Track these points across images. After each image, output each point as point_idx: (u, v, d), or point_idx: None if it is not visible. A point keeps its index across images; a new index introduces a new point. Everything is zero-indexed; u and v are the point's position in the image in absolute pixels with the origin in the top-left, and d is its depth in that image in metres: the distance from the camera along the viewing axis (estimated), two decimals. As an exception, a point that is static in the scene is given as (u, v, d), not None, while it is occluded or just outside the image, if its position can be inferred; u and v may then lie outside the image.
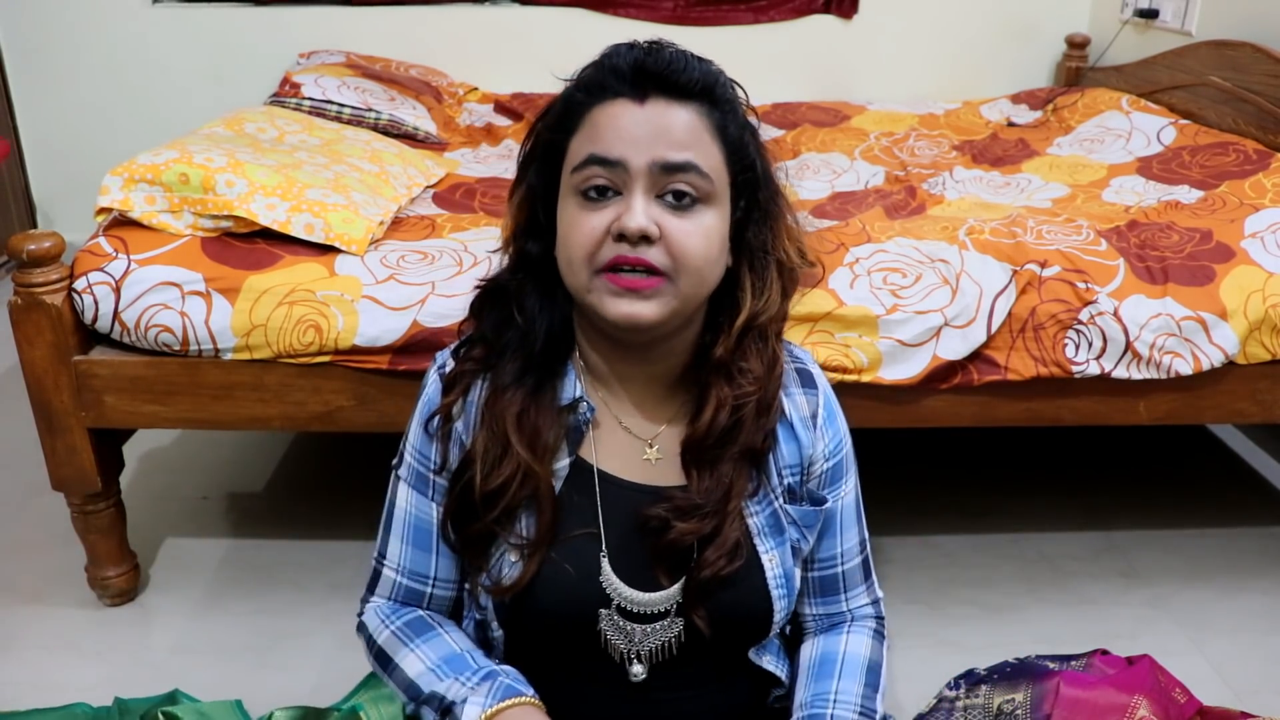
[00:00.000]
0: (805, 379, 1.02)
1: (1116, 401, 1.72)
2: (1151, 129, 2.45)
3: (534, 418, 0.93)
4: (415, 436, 0.99)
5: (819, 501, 1.00)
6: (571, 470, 0.95)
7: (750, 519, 0.96)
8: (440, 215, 1.93)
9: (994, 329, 1.64)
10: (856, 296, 1.63)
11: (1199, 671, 1.64)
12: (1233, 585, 1.90)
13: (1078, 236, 1.77)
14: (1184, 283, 1.68)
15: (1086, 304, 1.64)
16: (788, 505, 0.98)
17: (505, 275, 0.97)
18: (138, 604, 1.82)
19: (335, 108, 2.47)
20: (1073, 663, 1.50)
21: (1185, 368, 1.66)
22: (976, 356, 1.65)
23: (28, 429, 1.64)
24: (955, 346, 1.63)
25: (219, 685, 1.57)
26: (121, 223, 1.67)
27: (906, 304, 1.63)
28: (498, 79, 3.12)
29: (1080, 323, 1.64)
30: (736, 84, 0.92)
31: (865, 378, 1.63)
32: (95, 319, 1.60)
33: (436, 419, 0.96)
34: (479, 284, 0.99)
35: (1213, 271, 1.69)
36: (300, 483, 2.23)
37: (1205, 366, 1.66)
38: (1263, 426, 2.41)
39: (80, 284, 1.58)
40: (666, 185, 0.85)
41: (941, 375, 1.65)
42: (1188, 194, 2.04)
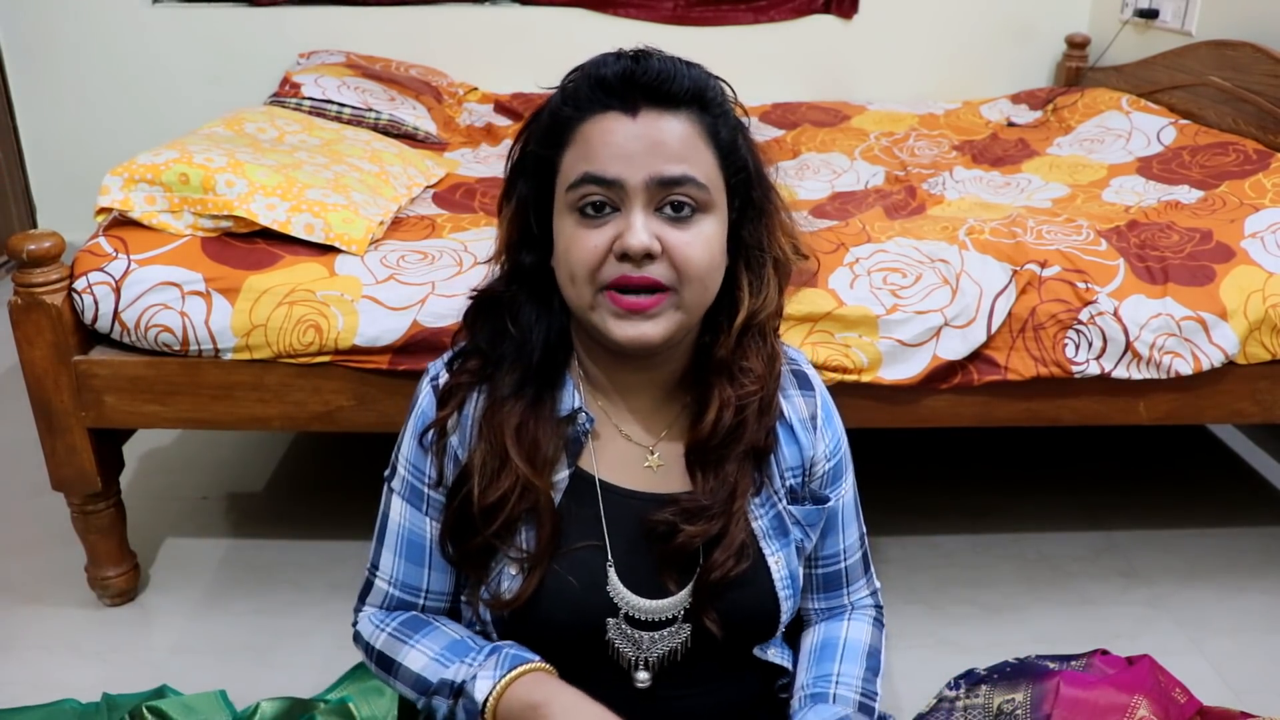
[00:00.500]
0: (801, 381, 1.02)
1: (1116, 401, 1.72)
2: (1151, 129, 2.45)
3: (533, 430, 0.92)
4: (409, 449, 0.97)
5: (822, 501, 1.01)
6: (571, 481, 0.95)
7: (755, 522, 0.96)
8: (440, 215, 1.93)
9: (994, 329, 1.64)
10: (856, 296, 1.63)
11: (1199, 671, 1.64)
12: (1233, 585, 1.90)
13: (1078, 236, 1.77)
14: (1184, 283, 1.68)
15: (1086, 304, 1.64)
16: (791, 506, 0.98)
17: (499, 286, 0.96)
18: (137, 604, 1.82)
19: (335, 108, 2.47)
20: (1073, 663, 1.50)
21: (1185, 368, 1.66)
22: (976, 356, 1.65)
23: (28, 429, 1.64)
24: (955, 346, 1.63)
25: (218, 685, 1.57)
26: (121, 223, 1.67)
27: (906, 304, 1.63)
28: (498, 79, 3.12)
29: (1080, 323, 1.64)
30: (724, 81, 0.91)
31: (865, 378, 1.63)
32: (95, 319, 1.60)
33: (431, 433, 0.95)
34: (472, 294, 0.98)
35: (1213, 271, 1.69)
36: (300, 483, 2.23)
37: (1205, 366, 1.66)
38: (1263, 426, 2.41)
39: (80, 284, 1.58)
40: (664, 198, 0.85)
41: (941, 375, 1.65)
42: (1188, 194, 2.04)
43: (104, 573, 1.77)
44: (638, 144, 0.84)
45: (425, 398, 0.97)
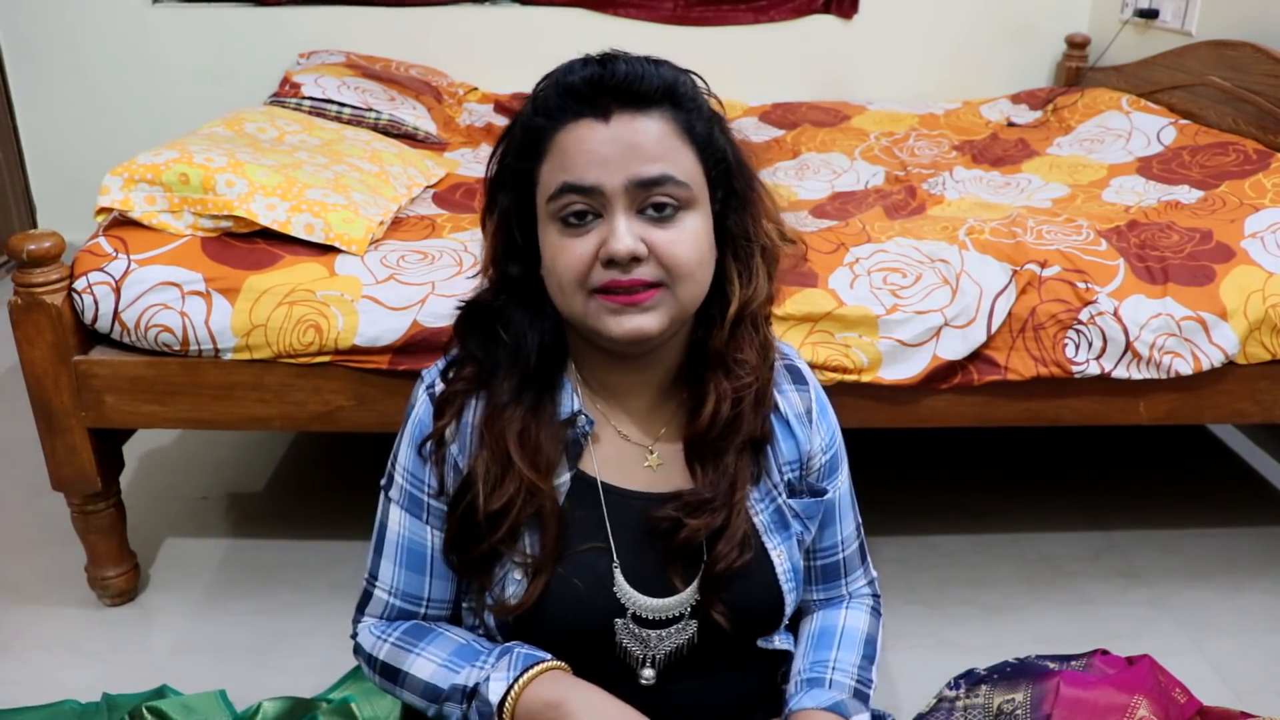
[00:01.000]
0: (795, 375, 1.03)
1: (1116, 401, 1.72)
2: (1151, 129, 2.45)
3: (535, 434, 0.92)
4: (406, 458, 0.96)
5: (820, 493, 1.02)
6: (573, 484, 0.95)
7: (756, 517, 0.97)
8: (440, 215, 1.93)
9: (994, 329, 1.64)
10: (856, 296, 1.63)
11: (1199, 671, 1.64)
12: (1233, 585, 1.90)
13: (1078, 236, 1.77)
14: (1184, 283, 1.68)
15: (1086, 304, 1.64)
16: (790, 500, 0.99)
17: (488, 296, 0.96)
18: (137, 604, 1.82)
19: (335, 108, 2.47)
20: (1073, 663, 1.50)
21: (1185, 368, 1.66)
22: (976, 356, 1.65)
23: (28, 429, 1.64)
24: (955, 346, 1.63)
25: (218, 685, 1.57)
26: (121, 223, 1.67)
27: (906, 304, 1.63)
28: (498, 79, 3.12)
29: (1080, 323, 1.64)
30: (695, 75, 0.91)
31: (865, 378, 1.63)
32: (95, 319, 1.60)
33: (430, 444, 0.95)
34: (460, 305, 0.98)
35: (1213, 271, 1.69)
36: (300, 483, 2.23)
37: (1205, 366, 1.66)
38: (1263, 426, 2.40)
39: (80, 284, 1.58)
40: (645, 200, 0.85)
41: (941, 375, 1.65)
42: (1188, 194, 2.04)
43: (104, 573, 1.77)
44: (613, 148, 0.84)
45: (422, 406, 0.96)
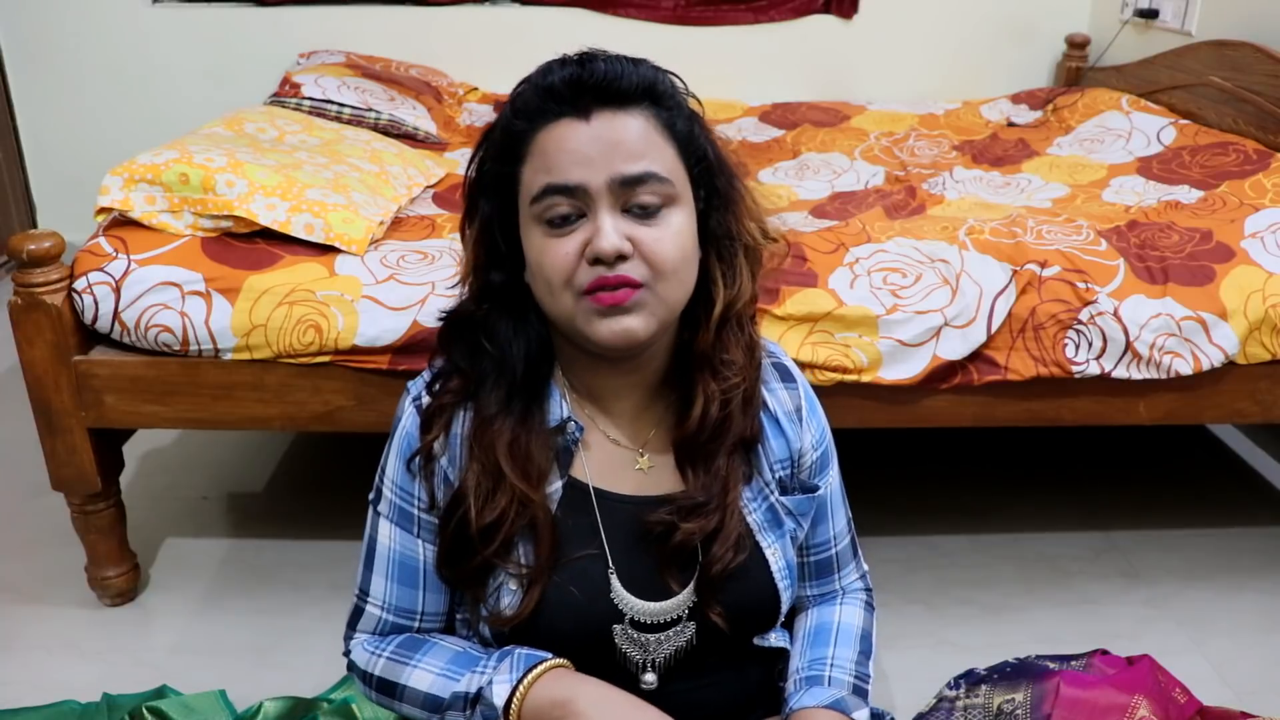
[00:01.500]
0: (783, 373, 1.03)
1: (1116, 401, 1.72)
2: (1151, 129, 2.45)
3: (525, 444, 0.91)
4: (395, 472, 0.95)
5: (812, 490, 1.02)
6: (565, 491, 0.94)
7: (750, 516, 0.97)
8: (440, 215, 1.93)
9: (994, 329, 1.64)
10: (856, 296, 1.63)
11: (1199, 671, 1.64)
12: (1233, 585, 1.90)
13: (1078, 236, 1.77)
14: (1184, 283, 1.68)
15: (1086, 304, 1.64)
16: (782, 498, 0.99)
17: (470, 306, 0.95)
18: (137, 604, 1.82)
19: (335, 108, 2.47)
20: (1073, 663, 1.50)
21: (1185, 368, 1.66)
22: (976, 356, 1.65)
23: (28, 429, 1.64)
24: (955, 346, 1.63)
25: (218, 685, 1.57)
26: (121, 223, 1.67)
27: (906, 304, 1.63)
28: (498, 79, 3.12)
29: (1080, 323, 1.64)
30: (674, 75, 0.91)
31: (865, 378, 1.63)
32: (95, 319, 1.60)
33: (418, 459, 0.94)
34: (442, 316, 0.97)
35: (1213, 271, 1.69)
36: (300, 483, 2.23)
37: (1205, 366, 1.66)
38: (1263, 426, 2.40)
39: (80, 284, 1.58)
40: (630, 198, 0.84)
41: (941, 375, 1.65)
42: (1188, 194, 2.04)
43: (104, 573, 1.77)
44: (595, 147, 0.84)
45: (409, 419, 0.95)
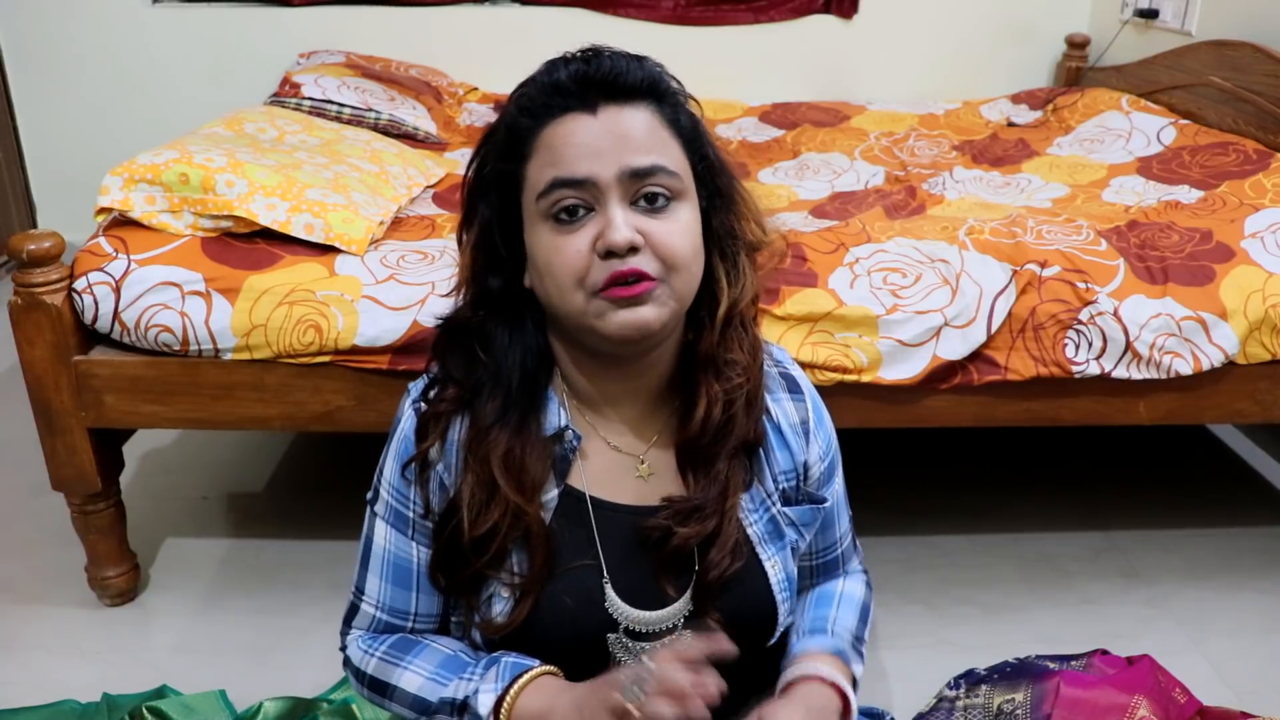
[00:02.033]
0: (790, 384, 1.01)
1: (1116, 401, 1.72)
2: (1151, 129, 2.45)
3: (520, 455, 0.90)
4: (392, 475, 0.95)
5: (819, 501, 1.01)
6: (561, 500, 0.93)
7: (750, 528, 0.96)
8: (440, 215, 1.93)
9: (994, 329, 1.64)
10: (856, 296, 1.63)
11: (1199, 671, 1.64)
12: (1233, 585, 1.90)
13: (1078, 236, 1.77)
14: (1184, 283, 1.68)
15: (1086, 304, 1.64)
16: (785, 508, 0.98)
17: (465, 313, 0.94)
18: (137, 604, 1.82)
19: (335, 108, 2.47)
20: (1073, 663, 1.50)
21: (1185, 368, 1.66)
22: (976, 356, 1.65)
23: (28, 429, 1.64)
24: (955, 346, 1.63)
25: (218, 685, 1.57)
26: (121, 223, 1.67)
27: (906, 304, 1.63)
28: (498, 79, 3.12)
29: (1080, 323, 1.64)
30: (673, 76, 0.91)
31: (865, 378, 1.63)
32: (95, 319, 1.60)
33: (413, 466, 0.93)
34: (438, 322, 0.96)
35: (1213, 271, 1.69)
36: (300, 483, 2.23)
37: (1205, 366, 1.66)
38: (1263, 426, 2.40)
39: (80, 284, 1.58)
40: (639, 191, 0.84)
41: (941, 375, 1.65)
42: (1188, 194, 2.04)
43: (104, 573, 1.77)
44: (604, 139, 0.84)
45: (408, 421, 0.95)
